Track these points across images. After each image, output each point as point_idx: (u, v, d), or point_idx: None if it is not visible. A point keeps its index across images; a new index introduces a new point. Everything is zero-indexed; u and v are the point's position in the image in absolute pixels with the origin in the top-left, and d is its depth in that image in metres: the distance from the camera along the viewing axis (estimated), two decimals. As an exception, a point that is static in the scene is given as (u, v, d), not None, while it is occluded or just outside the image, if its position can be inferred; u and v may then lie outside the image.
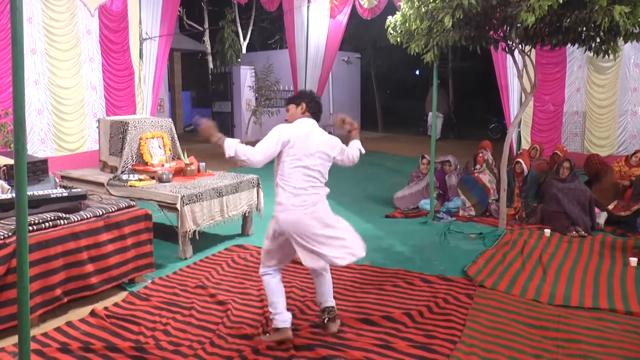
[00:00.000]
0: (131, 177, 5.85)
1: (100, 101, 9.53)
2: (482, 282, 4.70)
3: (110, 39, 9.56)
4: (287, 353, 3.47)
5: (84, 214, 4.29)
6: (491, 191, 7.31)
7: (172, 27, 10.98)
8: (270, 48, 22.83)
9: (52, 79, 8.64)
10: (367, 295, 4.45)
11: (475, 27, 6.04)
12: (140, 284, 4.71)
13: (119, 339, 3.70)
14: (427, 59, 6.31)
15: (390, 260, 5.43)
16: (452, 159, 7.82)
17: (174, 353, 3.49)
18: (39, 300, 3.85)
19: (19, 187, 2.51)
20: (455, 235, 6.29)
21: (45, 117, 8.61)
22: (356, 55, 21.31)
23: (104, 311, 4.08)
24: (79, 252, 4.14)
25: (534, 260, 5.33)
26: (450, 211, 7.32)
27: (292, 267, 5.17)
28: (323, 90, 15.19)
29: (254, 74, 13.51)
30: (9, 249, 3.63)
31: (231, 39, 19.35)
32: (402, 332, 3.78)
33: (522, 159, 7.24)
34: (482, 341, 3.64)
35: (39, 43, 8.40)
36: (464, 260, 5.29)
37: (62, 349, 3.52)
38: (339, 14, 13.58)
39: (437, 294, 4.44)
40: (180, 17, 18.93)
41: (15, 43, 2.41)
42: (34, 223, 3.90)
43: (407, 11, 6.28)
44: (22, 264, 2.57)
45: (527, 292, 4.53)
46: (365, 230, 6.56)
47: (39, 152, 8.30)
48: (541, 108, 10.78)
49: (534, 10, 5.16)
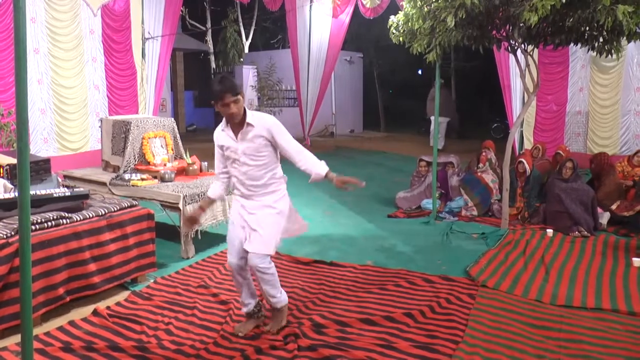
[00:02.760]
0: (133, 177, 5.85)
1: (103, 101, 9.56)
2: (484, 282, 4.69)
3: (113, 38, 9.58)
4: (290, 354, 3.47)
5: (87, 214, 4.30)
6: (494, 191, 7.30)
7: (174, 27, 11.00)
8: (272, 48, 22.83)
9: (55, 78, 8.66)
10: (369, 295, 4.45)
11: (478, 26, 6.04)
12: (143, 283, 4.72)
13: (121, 338, 3.71)
14: (430, 59, 6.32)
15: (393, 260, 5.43)
16: (454, 160, 7.81)
17: (176, 352, 3.49)
18: (41, 299, 3.86)
19: (21, 187, 2.52)
20: (458, 235, 6.29)
21: (48, 117, 8.63)
22: (358, 54, 21.28)
23: (106, 310, 4.09)
24: (82, 251, 4.14)
25: (536, 260, 5.33)
26: (452, 211, 7.31)
27: (295, 267, 5.18)
28: (325, 90, 15.21)
29: (256, 74, 13.53)
30: (11, 248, 3.64)
31: (234, 39, 19.37)
32: (404, 332, 3.78)
33: (525, 159, 7.24)
34: (485, 341, 3.64)
35: (42, 43, 8.42)
36: (466, 260, 5.29)
37: (65, 348, 3.52)
38: (342, 13, 13.59)
39: (439, 294, 4.44)
40: (182, 17, 18.94)
41: (18, 43, 2.41)
42: (37, 222, 3.90)
43: (409, 11, 6.28)
44: (25, 263, 2.58)
45: (529, 292, 4.52)
46: (368, 230, 6.57)
47: (41, 152, 8.32)
48: (544, 108, 10.78)
49: (536, 10, 5.15)
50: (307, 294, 4.51)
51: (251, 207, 3.63)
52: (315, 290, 4.58)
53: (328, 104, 18.27)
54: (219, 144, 3.68)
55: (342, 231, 6.55)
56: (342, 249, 5.80)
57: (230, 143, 3.61)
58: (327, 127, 19.24)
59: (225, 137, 3.64)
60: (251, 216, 3.61)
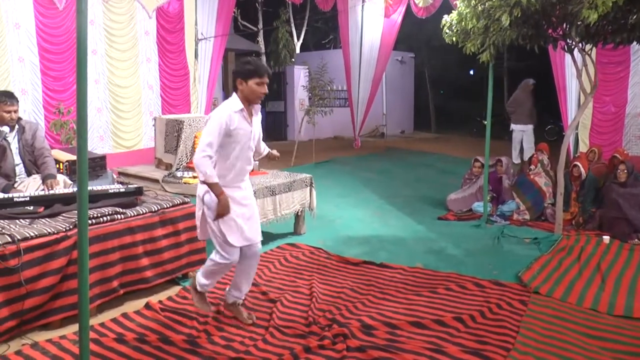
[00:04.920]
0: (185, 175, 5.97)
1: (157, 100, 9.79)
2: (536, 289, 4.57)
3: (167, 39, 9.80)
4: (338, 354, 3.46)
5: (140, 209, 4.40)
6: (547, 195, 7.11)
7: (227, 28, 11.17)
8: (324, 48, 22.92)
9: (111, 78, 8.93)
10: (418, 298, 4.40)
11: (534, 25, 5.88)
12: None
13: (172, 332, 3.78)
14: (483, 59, 6.19)
15: (443, 263, 5.35)
16: (504, 160, 7.65)
17: (225, 348, 3.54)
18: (97, 291, 3.98)
19: (80, 182, 2.59)
20: (509, 240, 6.15)
21: (104, 115, 8.91)
22: (410, 54, 21.12)
23: (158, 304, 4.18)
24: (135, 246, 4.25)
25: (591, 267, 5.15)
26: (504, 214, 7.16)
27: (344, 267, 5.17)
28: (376, 90, 15.16)
29: (307, 74, 13.60)
30: (70, 241, 3.76)
31: (285, 39, 19.49)
32: (454, 337, 3.72)
33: (580, 162, 7.02)
34: (537, 349, 3.53)
35: (99, 44, 8.70)
36: (518, 266, 5.16)
37: (118, 339, 3.62)
38: (394, 13, 13.51)
39: (490, 299, 4.35)
40: (234, 18, 19.18)
41: (79, 44, 2.49)
42: (93, 217, 4.02)
43: (463, 10, 6.18)
44: (83, 255, 2.65)
45: (584, 300, 4.37)
46: (418, 232, 6.50)
47: (97, 149, 8.59)
48: (601, 109, 10.40)
49: (596, 7, 4.95)
50: (357, 294, 4.49)
51: (242, 197, 3.72)
52: (364, 291, 4.55)
53: (379, 104, 18.21)
54: (233, 126, 3.51)
55: (391, 232, 6.50)
56: (392, 251, 5.75)
57: (245, 126, 3.59)
58: (378, 128, 19.17)
59: (241, 120, 3.57)
60: (245, 208, 3.72)
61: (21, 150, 4.86)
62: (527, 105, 10.74)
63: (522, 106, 10.78)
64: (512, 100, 11.18)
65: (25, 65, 7.77)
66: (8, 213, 3.99)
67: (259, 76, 3.51)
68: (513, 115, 11.03)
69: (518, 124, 10.94)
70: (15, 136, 4.84)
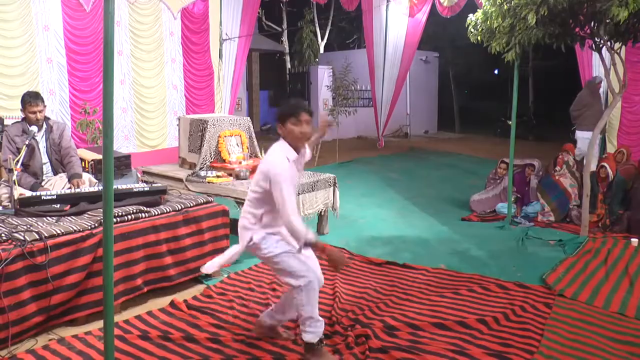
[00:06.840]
0: (209, 174, 6.01)
1: (181, 100, 9.88)
2: (561, 292, 4.50)
3: (192, 40, 9.88)
4: (362, 355, 3.45)
5: (164, 208, 4.45)
6: (572, 196, 7.00)
7: (251, 28, 11.22)
8: (348, 48, 22.90)
9: (136, 78, 9.04)
10: (441, 299, 4.37)
11: (560, 23, 5.78)
12: (216, 278, 4.82)
13: (196, 330, 3.81)
14: (508, 58, 6.11)
15: (466, 264, 5.30)
16: (537, 163, 7.52)
17: (249, 346, 3.55)
18: (121, 288, 4.03)
19: (106, 181, 2.62)
20: (534, 241, 6.06)
21: (129, 115, 9.02)
22: (434, 54, 20.98)
23: (183, 303, 4.21)
24: (159, 244, 4.29)
25: (619, 271, 5.05)
26: (528, 216, 7.07)
27: (367, 267, 5.16)
28: (400, 90, 15.09)
29: (331, 74, 13.62)
30: (95, 239, 3.82)
31: (309, 39, 19.53)
32: (477, 339, 3.68)
33: (608, 163, 6.89)
34: (562, 353, 3.48)
35: (124, 45, 8.82)
36: (543, 268, 5.09)
37: (142, 336, 3.66)
38: (418, 12, 13.43)
39: (514, 302, 4.29)
40: (259, 18, 19.28)
41: (106, 45, 2.52)
42: (118, 215, 4.07)
43: (488, 9, 6.12)
44: (108, 253, 2.69)
45: (611, 304, 4.29)
46: (441, 233, 6.45)
47: (122, 148, 8.70)
48: (630, 109, 10.19)
49: (627, 5, 4.86)
50: (379, 295, 4.48)
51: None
52: (387, 292, 4.54)
53: (403, 104, 18.14)
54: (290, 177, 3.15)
55: (414, 233, 6.47)
56: (415, 251, 5.72)
57: (294, 173, 3.25)
58: (402, 128, 19.10)
59: (293, 168, 3.22)
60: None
61: (48, 149, 4.95)
62: (596, 107, 8.54)
63: (589, 109, 8.60)
64: (576, 102, 8.76)
65: (53, 66, 7.91)
66: (36, 211, 4.06)
67: (294, 116, 3.16)
68: (577, 119, 8.68)
69: (584, 130, 8.36)
70: (43, 136, 4.93)
